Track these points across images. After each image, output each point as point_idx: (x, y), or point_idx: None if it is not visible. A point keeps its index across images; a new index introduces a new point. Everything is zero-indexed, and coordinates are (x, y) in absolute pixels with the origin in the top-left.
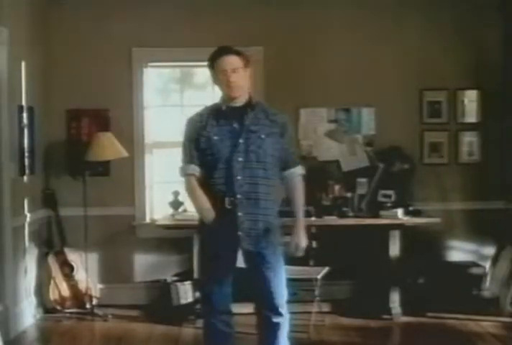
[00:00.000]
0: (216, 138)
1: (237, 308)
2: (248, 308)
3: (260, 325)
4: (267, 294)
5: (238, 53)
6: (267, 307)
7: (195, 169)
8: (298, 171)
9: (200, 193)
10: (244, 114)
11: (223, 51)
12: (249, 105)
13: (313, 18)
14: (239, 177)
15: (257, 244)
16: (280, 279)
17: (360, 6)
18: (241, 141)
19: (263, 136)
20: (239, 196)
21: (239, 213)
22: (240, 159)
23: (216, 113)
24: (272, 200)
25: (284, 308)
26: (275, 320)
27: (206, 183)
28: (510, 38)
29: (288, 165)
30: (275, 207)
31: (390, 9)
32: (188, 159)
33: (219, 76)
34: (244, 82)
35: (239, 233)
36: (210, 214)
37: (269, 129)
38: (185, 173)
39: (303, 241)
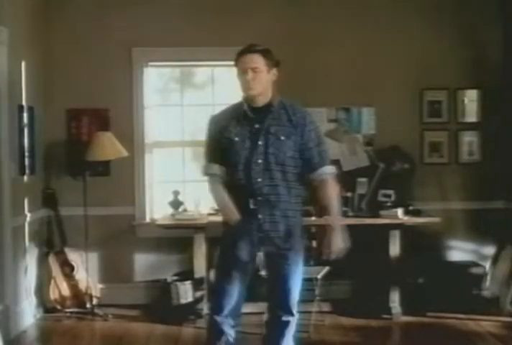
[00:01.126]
0: (237, 139)
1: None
2: (251, 308)
3: (268, 322)
4: (282, 293)
5: (263, 52)
6: (279, 307)
7: (219, 169)
8: (326, 171)
9: (223, 194)
10: (265, 115)
11: (246, 49)
12: (271, 105)
13: (313, 18)
14: (259, 180)
15: (278, 245)
16: (297, 280)
17: (360, 6)
18: (260, 143)
19: (283, 137)
20: (259, 198)
21: (260, 215)
22: (259, 161)
23: (238, 113)
24: (294, 202)
25: (295, 308)
26: (285, 318)
27: (229, 183)
28: (510, 38)
29: (314, 166)
30: (296, 209)
31: (390, 9)
32: (210, 158)
33: (239, 76)
34: (263, 82)
35: (260, 234)
36: (235, 215)
37: (289, 129)
38: (206, 172)
39: (336, 243)
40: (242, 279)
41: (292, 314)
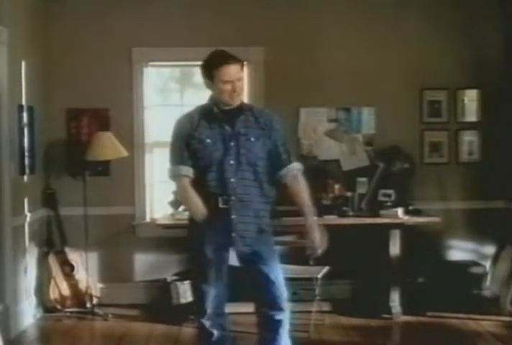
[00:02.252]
0: (208, 140)
1: (236, 308)
2: (247, 307)
3: (261, 325)
4: (267, 291)
5: (239, 61)
6: (268, 305)
7: (189, 171)
8: (295, 167)
9: (192, 192)
10: (235, 117)
11: (225, 59)
12: (240, 108)
13: (313, 18)
14: (232, 180)
15: (251, 245)
16: (278, 276)
17: (360, 6)
18: (232, 144)
19: (253, 139)
20: (232, 198)
21: (233, 216)
22: (232, 162)
23: (207, 116)
24: (265, 202)
25: (285, 305)
26: (278, 317)
27: (198, 185)
28: (510, 38)
29: (281, 165)
30: (267, 208)
31: (390, 9)
32: (179, 160)
33: (219, 84)
34: (243, 90)
35: (233, 234)
36: (202, 212)
37: (258, 131)
38: (176, 174)
39: (316, 240)
40: (219, 279)
41: (282, 310)
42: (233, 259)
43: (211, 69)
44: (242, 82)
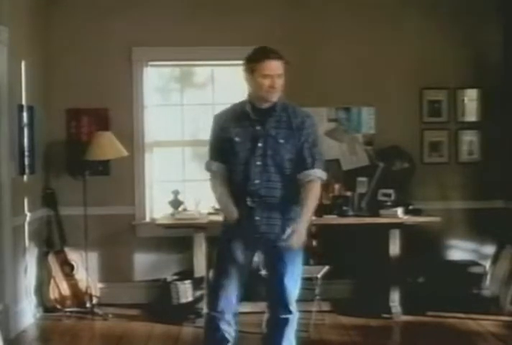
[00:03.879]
0: (237, 139)
1: (240, 307)
2: (249, 307)
3: (270, 323)
4: (280, 292)
5: (281, 58)
6: (278, 305)
7: (220, 167)
8: (316, 173)
9: (223, 192)
10: (267, 117)
11: (269, 54)
12: (274, 108)
13: (313, 17)
14: (256, 181)
15: (273, 246)
16: (295, 278)
17: (360, 6)
18: (260, 144)
19: (281, 140)
20: (256, 199)
21: (256, 217)
22: (258, 163)
23: (240, 114)
24: (291, 203)
25: (294, 306)
26: (283, 316)
27: (229, 181)
28: (510, 37)
29: (305, 166)
30: (293, 210)
31: (390, 9)
32: (212, 155)
33: (259, 78)
34: (282, 87)
35: (257, 235)
36: (234, 214)
37: (288, 132)
38: (208, 169)
39: (293, 242)
40: (239, 278)
41: (290, 312)
42: (262, 268)
43: (252, 62)
44: (282, 79)
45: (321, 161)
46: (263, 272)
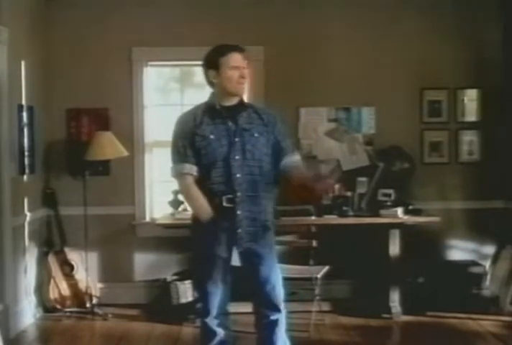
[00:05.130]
0: (212, 137)
1: (236, 308)
2: (247, 307)
3: (259, 324)
4: (265, 292)
5: (243, 50)
6: (265, 306)
7: (193, 169)
8: (297, 158)
9: (196, 191)
10: (237, 113)
11: (232, 47)
12: (242, 105)
13: (313, 17)
14: (238, 175)
15: (255, 241)
16: (277, 276)
17: (360, 6)
18: (236, 139)
19: (256, 134)
20: (238, 194)
21: (238, 211)
22: (237, 157)
23: (210, 112)
24: (270, 198)
25: (281, 305)
26: (273, 317)
27: (202, 182)
28: (510, 37)
29: (284, 154)
30: (272, 205)
31: (390, 9)
32: (182, 158)
33: (227, 71)
34: (248, 78)
35: (239, 230)
36: (207, 212)
37: (261, 127)
38: (179, 172)
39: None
40: (224, 278)
41: (278, 311)
42: (235, 259)
43: (217, 57)
44: (248, 71)
45: (295, 151)
46: (238, 263)
